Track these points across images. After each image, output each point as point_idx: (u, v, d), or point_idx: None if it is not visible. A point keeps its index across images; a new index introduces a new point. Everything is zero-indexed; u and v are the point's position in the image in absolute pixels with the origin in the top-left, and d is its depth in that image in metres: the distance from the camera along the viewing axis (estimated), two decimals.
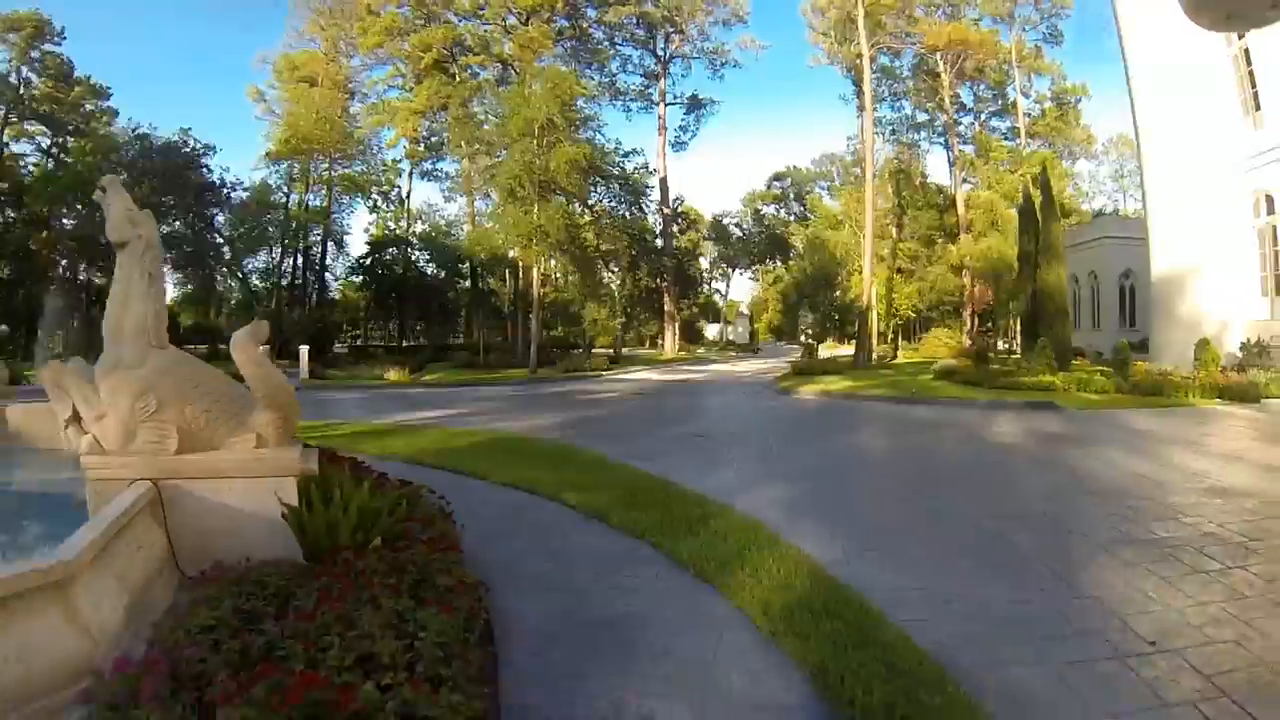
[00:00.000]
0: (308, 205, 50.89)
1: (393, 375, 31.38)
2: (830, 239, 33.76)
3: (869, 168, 33.18)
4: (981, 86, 49.59)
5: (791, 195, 78.54)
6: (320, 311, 48.39)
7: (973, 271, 35.79)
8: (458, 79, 43.12)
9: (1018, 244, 26.97)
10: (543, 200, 30.41)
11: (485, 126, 38.35)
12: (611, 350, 44.12)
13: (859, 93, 50.25)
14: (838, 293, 30.64)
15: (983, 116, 50.35)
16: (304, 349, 30.24)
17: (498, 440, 11.11)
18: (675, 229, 52.98)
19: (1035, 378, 21.73)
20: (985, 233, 36.79)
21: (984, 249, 35.02)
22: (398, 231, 51.71)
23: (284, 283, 52.41)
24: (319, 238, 53.52)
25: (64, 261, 44.57)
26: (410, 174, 53.32)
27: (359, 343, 59.64)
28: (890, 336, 42.57)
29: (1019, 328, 50.39)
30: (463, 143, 39.69)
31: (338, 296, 62.64)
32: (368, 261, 50.84)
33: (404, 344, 57.52)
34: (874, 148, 34.04)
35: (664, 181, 49.51)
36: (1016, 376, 22.21)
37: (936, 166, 54.25)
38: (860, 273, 35.12)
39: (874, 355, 34.18)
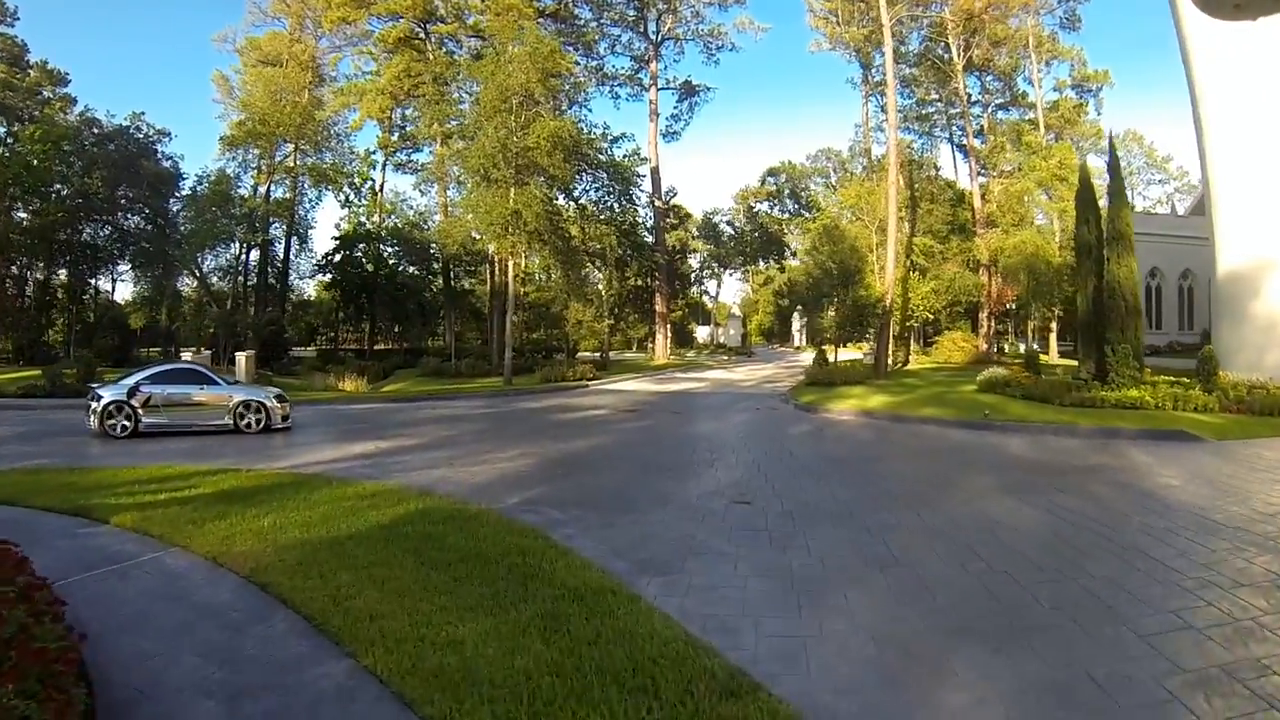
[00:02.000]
0: (270, 196, 46.42)
1: (348, 386, 27.21)
2: (849, 230, 29.69)
3: (892, 150, 29.10)
4: (989, 77, 45.81)
5: (786, 192, 74.71)
6: (275, 313, 43.71)
7: (1001, 268, 31.74)
8: (431, 57, 38.84)
9: (1074, 234, 23.09)
10: (520, 184, 26.20)
11: (462, 106, 34.08)
12: (598, 354, 39.92)
13: (866, 78, 46.75)
14: (862, 290, 26.58)
15: (989, 109, 46.59)
16: (241, 356, 25.82)
17: (423, 518, 6.89)
18: (667, 223, 48.71)
19: (1119, 393, 17.95)
20: (1014, 225, 32.96)
21: (1016, 243, 31.05)
22: (370, 226, 47.17)
23: (250, 282, 47.99)
24: (283, 233, 49.25)
25: (22, 258, 40.19)
26: (384, 166, 48.97)
27: (333, 345, 55.44)
28: (903, 340, 38.60)
29: (1033, 328, 47.20)
30: (435, 122, 35.30)
31: (313, 296, 58.50)
32: (336, 258, 46.24)
33: (375, 347, 53.66)
34: (896, 126, 29.97)
35: (655, 171, 45.24)
36: (1091, 392, 18.34)
37: (943, 159, 50.33)
38: (874, 270, 31.01)
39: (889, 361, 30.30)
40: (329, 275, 47.35)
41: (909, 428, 14.98)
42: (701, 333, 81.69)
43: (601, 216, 38.27)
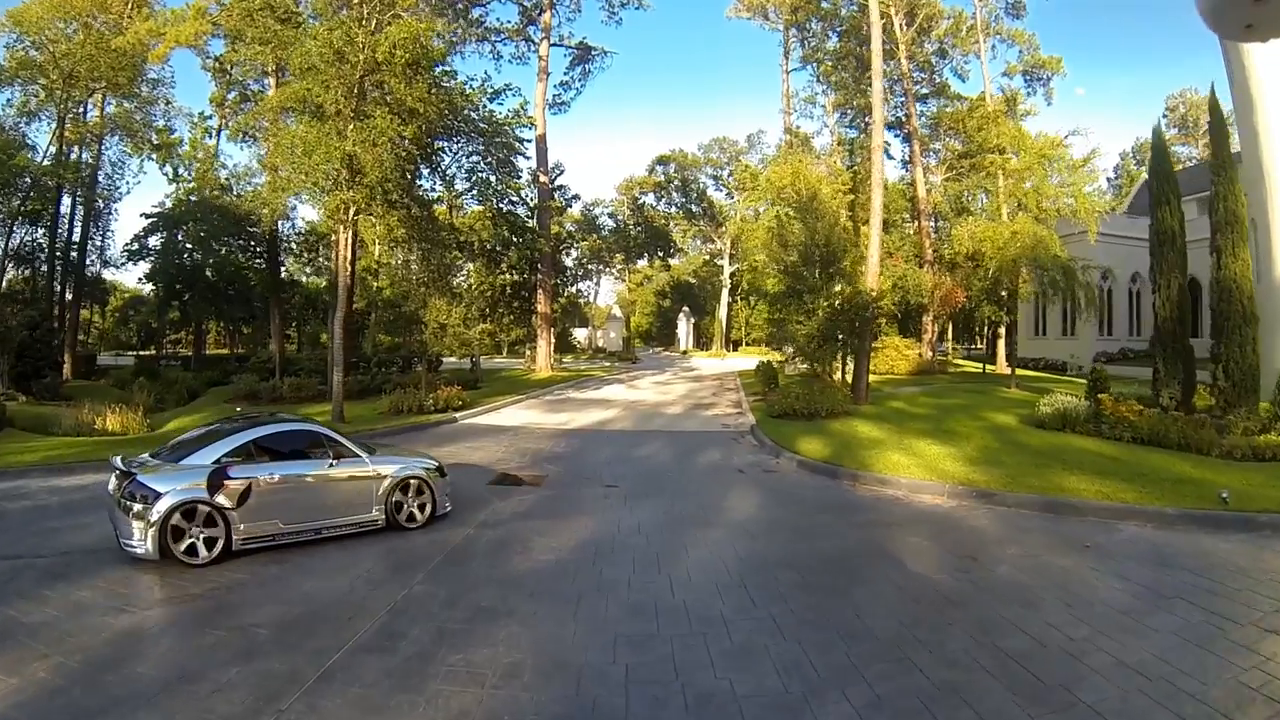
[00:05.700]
0: (61, 157, 35.53)
1: (111, 423, 17.57)
2: (829, 201, 22.64)
3: (878, 110, 22.29)
4: (911, 65, 40.80)
5: (675, 182, 68.29)
6: (32, 313, 32.10)
7: (995, 262, 25.73)
8: None
9: (1153, 219, 17.01)
10: (361, 116, 17.52)
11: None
12: (468, 363, 30.82)
13: (802, 42, 41.33)
14: (847, 285, 19.72)
15: (910, 98, 41.68)
16: None
17: None
18: (553, 204, 40.24)
19: None
20: (993, 213, 27.69)
21: (1012, 232, 25.07)
22: (197, 201, 36.41)
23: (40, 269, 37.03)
24: (81, 206, 38.45)
25: None
26: (219, 133, 37.92)
27: (157, 352, 45.97)
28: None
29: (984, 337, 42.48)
30: (257, 43, 25.29)
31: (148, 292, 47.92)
32: (150, 242, 35.69)
33: (207, 353, 44.51)
34: (880, 74, 23.17)
35: (541, 140, 36.98)
36: (1253, 435, 12.10)
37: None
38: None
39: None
40: (145, 263, 36.65)
41: (1119, 539, 7.66)
42: (579, 335, 74.03)
43: (473, 192, 29.89)
